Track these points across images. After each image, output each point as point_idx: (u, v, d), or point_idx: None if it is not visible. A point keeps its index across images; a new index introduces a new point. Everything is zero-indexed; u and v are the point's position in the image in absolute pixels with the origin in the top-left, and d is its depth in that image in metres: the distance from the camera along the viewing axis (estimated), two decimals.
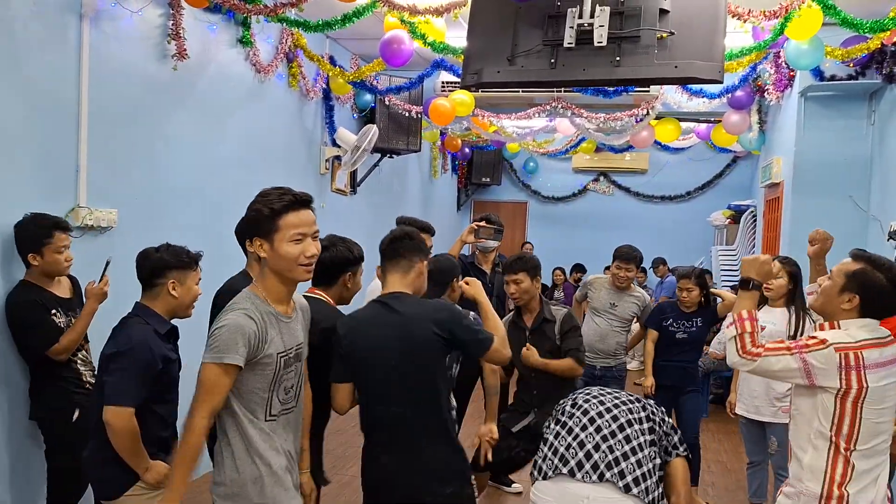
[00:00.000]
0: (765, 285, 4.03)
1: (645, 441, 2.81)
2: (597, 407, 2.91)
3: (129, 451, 2.50)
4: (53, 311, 3.16)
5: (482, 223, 4.73)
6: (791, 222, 5.87)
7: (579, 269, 10.38)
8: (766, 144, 7.32)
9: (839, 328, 2.44)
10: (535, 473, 2.91)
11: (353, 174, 7.05)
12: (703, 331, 4.54)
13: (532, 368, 3.74)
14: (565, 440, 2.85)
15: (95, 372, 3.26)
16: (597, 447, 2.77)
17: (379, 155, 7.18)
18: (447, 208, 10.59)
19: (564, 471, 2.77)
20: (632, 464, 2.73)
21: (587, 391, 3.08)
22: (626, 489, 2.68)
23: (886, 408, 2.36)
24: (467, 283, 2.92)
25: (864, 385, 2.31)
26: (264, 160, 5.42)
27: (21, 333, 3.18)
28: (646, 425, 2.86)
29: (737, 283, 3.34)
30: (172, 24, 4.19)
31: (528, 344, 3.74)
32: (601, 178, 10.98)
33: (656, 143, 8.36)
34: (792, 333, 3.88)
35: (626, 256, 4.69)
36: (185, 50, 4.25)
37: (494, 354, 2.53)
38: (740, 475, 4.72)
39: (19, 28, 3.27)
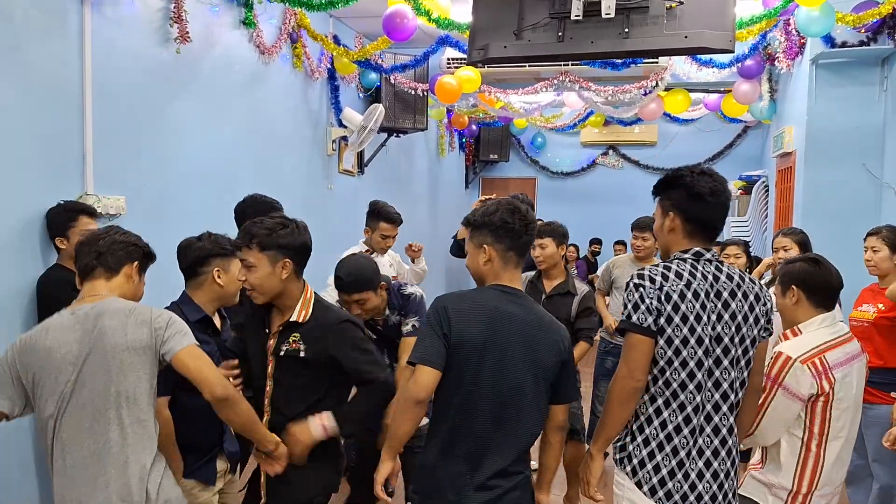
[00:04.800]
0: (776, 257, 4.00)
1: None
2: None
3: (162, 445, 2.25)
4: None
5: (491, 196, 4.70)
6: (804, 192, 5.80)
7: (597, 241, 10.34)
8: (777, 113, 7.22)
9: (800, 333, 2.43)
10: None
11: (360, 154, 7.01)
12: None
13: None
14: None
15: None
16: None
17: (385, 134, 7.14)
18: (455, 186, 10.53)
19: None
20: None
21: None
22: None
23: (846, 408, 2.36)
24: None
25: (833, 386, 2.31)
26: (271, 143, 5.39)
27: (49, 309, 3.18)
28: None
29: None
30: (174, 7, 4.15)
31: None
32: (610, 152, 10.89)
33: (665, 114, 8.27)
34: None
35: (641, 224, 4.69)
36: (187, 33, 4.21)
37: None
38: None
39: (19, 15, 3.24)
